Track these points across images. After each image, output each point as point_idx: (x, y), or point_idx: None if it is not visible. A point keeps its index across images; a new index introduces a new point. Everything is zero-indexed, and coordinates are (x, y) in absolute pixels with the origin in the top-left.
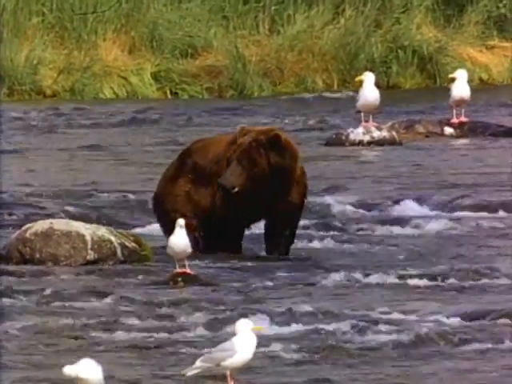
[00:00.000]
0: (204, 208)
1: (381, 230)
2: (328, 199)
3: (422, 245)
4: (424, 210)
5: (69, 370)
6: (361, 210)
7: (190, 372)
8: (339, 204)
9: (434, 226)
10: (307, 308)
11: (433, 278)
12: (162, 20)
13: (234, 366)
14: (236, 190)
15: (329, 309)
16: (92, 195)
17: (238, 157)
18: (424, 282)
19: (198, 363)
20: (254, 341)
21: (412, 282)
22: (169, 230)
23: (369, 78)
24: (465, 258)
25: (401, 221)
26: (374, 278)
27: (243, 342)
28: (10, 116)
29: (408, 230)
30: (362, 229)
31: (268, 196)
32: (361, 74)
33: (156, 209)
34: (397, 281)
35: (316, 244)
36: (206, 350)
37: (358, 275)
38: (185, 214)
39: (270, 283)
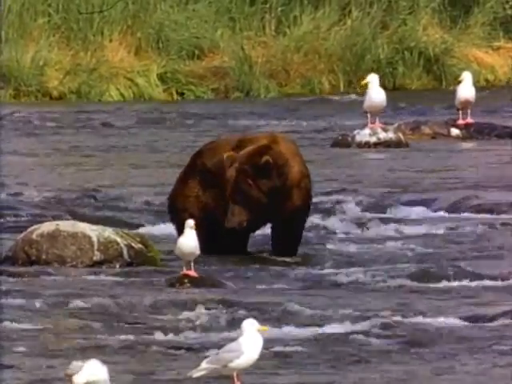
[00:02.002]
0: (211, 209)
1: (386, 231)
2: (334, 200)
3: (428, 246)
4: (430, 211)
5: (78, 379)
6: (366, 211)
7: (197, 373)
8: (345, 205)
9: (439, 227)
10: (313, 309)
11: (437, 278)
12: (168, 21)
13: (241, 366)
14: (245, 224)
15: (334, 310)
16: (98, 196)
17: (231, 195)
18: (428, 283)
19: (205, 365)
20: (260, 341)
21: (416, 283)
22: (180, 230)
23: (374, 80)
24: (470, 259)
25: (406, 222)
26: (377, 279)
27: (250, 342)
28: (16, 117)
29: (414, 231)
30: (367, 230)
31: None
32: (367, 76)
33: (169, 209)
34: (401, 282)
35: (322, 245)
36: (212, 351)
37: (362, 276)
38: (194, 214)
39: (275, 285)
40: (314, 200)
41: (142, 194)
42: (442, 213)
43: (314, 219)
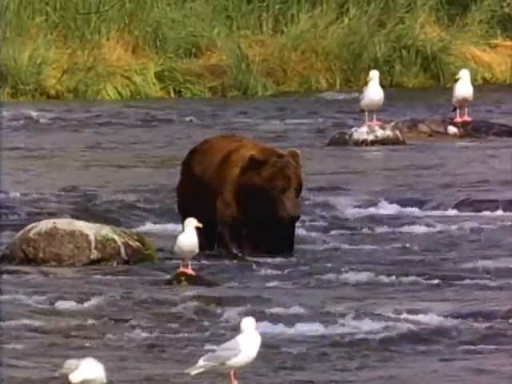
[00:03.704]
0: (209, 210)
1: (383, 229)
2: (331, 199)
3: (425, 244)
4: (427, 209)
5: (75, 378)
6: (363, 210)
7: (194, 371)
8: (342, 203)
9: (437, 225)
10: (310, 308)
11: (434, 276)
12: (165, 19)
13: (239, 364)
14: None
15: (331, 308)
16: (95, 195)
17: (290, 184)
18: (425, 281)
19: (202, 362)
20: (258, 339)
21: (413, 280)
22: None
23: (374, 77)
24: (468, 257)
25: (403, 220)
26: (373, 278)
27: (248, 340)
28: (14, 116)
29: (411, 229)
30: (364, 228)
31: None
32: (365, 74)
33: (177, 206)
34: (399, 280)
35: (318, 243)
36: (209, 349)
37: (359, 275)
38: (193, 214)
39: (273, 283)
40: (312, 198)
41: (139, 192)
42: (439, 211)
43: (310, 217)
